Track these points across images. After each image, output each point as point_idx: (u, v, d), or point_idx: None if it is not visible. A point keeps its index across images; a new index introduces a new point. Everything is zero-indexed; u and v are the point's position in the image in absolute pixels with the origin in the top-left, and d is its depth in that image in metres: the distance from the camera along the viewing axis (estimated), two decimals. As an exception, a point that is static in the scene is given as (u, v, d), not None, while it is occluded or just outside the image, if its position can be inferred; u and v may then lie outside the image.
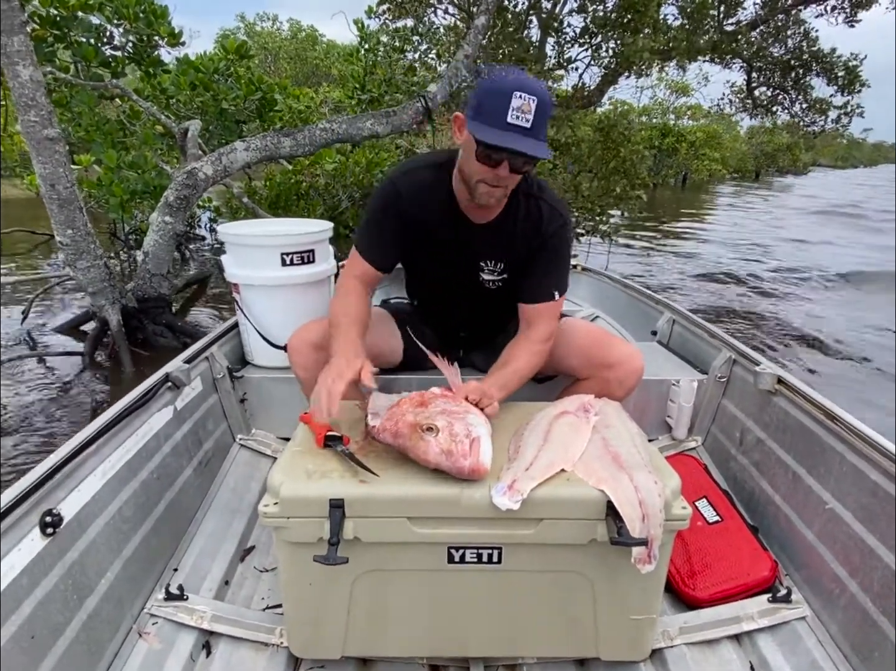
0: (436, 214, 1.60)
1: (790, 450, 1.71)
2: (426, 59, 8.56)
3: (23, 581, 1.10)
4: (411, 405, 1.24)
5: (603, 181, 6.68)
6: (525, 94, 1.28)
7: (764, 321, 5.62)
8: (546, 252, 1.62)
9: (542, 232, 1.60)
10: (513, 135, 1.30)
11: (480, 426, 1.19)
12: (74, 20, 4.44)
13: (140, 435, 1.57)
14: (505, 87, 1.29)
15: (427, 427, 1.14)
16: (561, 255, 1.65)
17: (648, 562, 1.10)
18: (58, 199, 3.41)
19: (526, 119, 1.29)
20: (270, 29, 26.84)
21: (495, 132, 1.30)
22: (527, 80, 1.30)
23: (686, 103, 30.59)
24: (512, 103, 1.28)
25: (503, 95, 1.29)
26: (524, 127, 1.30)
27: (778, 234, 11.69)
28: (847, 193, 24.80)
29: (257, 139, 4.33)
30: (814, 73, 8.47)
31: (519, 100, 1.28)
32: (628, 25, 6.95)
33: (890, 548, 1.29)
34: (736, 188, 25.64)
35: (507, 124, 1.30)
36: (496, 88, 1.31)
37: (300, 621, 1.29)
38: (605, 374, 1.64)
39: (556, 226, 1.60)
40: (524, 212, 1.59)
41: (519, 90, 1.28)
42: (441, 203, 1.58)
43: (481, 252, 1.66)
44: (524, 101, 1.28)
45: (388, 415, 1.22)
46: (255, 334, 2.13)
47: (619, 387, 1.64)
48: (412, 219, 1.59)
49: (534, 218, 1.59)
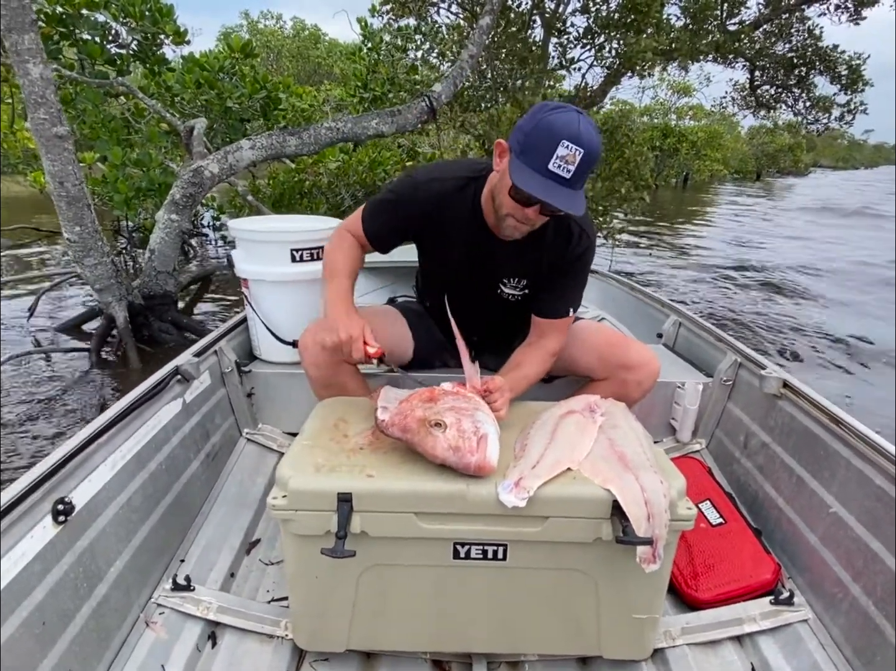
0: (457, 226, 1.58)
1: (795, 454, 1.71)
2: (428, 57, 8.56)
3: (35, 567, 1.12)
4: (420, 400, 1.25)
5: (607, 182, 6.68)
6: (573, 145, 1.23)
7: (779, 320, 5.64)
8: (569, 273, 1.61)
9: (568, 252, 1.58)
10: (550, 183, 1.27)
11: (489, 424, 1.20)
12: (80, 18, 4.45)
13: (150, 426, 1.58)
14: (555, 133, 1.24)
15: (435, 422, 1.15)
16: (583, 276, 1.65)
17: (653, 562, 1.11)
18: (66, 196, 3.43)
19: (568, 170, 1.25)
20: (273, 27, 26.85)
21: (534, 177, 1.27)
22: (578, 129, 1.24)
23: (687, 103, 30.57)
24: (558, 151, 1.24)
25: (551, 140, 1.24)
26: (563, 177, 1.26)
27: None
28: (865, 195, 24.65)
29: (263, 138, 4.34)
30: (817, 70, 8.47)
31: (565, 149, 1.24)
32: (631, 25, 6.96)
33: (893, 553, 1.29)
34: (738, 189, 25.61)
35: (547, 170, 1.26)
36: (545, 130, 1.26)
37: (305, 614, 1.30)
38: (624, 376, 1.65)
39: (583, 248, 1.58)
40: (552, 231, 1.56)
41: (568, 139, 1.23)
42: (465, 216, 1.56)
43: (504, 267, 1.64)
44: (570, 153, 1.24)
45: (397, 410, 1.23)
46: (264, 329, 2.14)
47: (637, 389, 1.66)
48: (428, 225, 1.59)
49: (562, 238, 1.57)
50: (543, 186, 1.27)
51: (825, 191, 26.73)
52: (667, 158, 21.26)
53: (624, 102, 20.46)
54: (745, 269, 8.04)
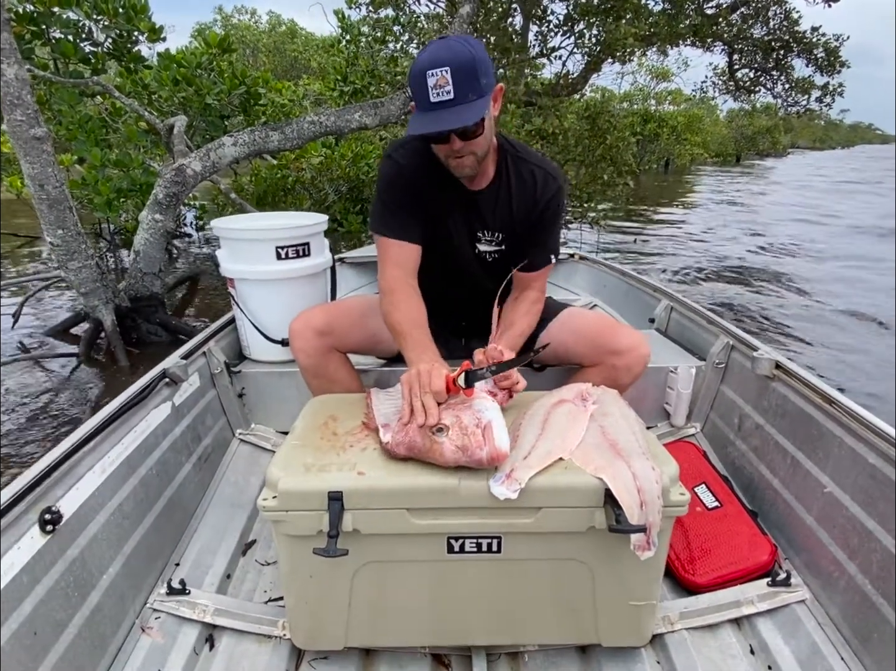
0: (435, 181, 1.59)
1: (789, 435, 1.71)
2: (408, 48, 8.50)
3: (23, 579, 1.10)
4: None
5: (590, 169, 6.69)
6: (436, 68, 1.28)
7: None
8: (543, 220, 1.63)
9: (537, 199, 1.60)
10: (436, 113, 1.31)
11: (488, 409, 1.18)
12: (52, 16, 4.37)
13: (138, 431, 1.57)
14: (419, 69, 1.30)
15: (437, 428, 1.14)
16: (557, 220, 1.67)
17: (647, 549, 1.11)
18: (47, 199, 3.38)
19: (446, 91, 1.29)
20: (248, 22, 26.62)
21: (424, 117, 1.33)
22: (436, 51, 1.30)
23: (666, 88, 30.61)
24: (428, 83, 1.29)
25: (421, 78, 1.30)
26: (448, 100, 1.30)
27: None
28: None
29: (245, 134, 4.30)
30: (794, 53, 8.50)
31: (433, 77, 1.28)
32: (611, 12, 6.94)
33: (889, 531, 1.30)
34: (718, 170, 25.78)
35: (430, 104, 1.31)
36: (415, 72, 1.32)
37: (302, 613, 1.30)
38: (613, 361, 1.65)
39: (551, 192, 1.60)
40: (515, 175, 1.60)
41: (430, 67, 1.28)
42: (438, 170, 1.57)
43: (478, 220, 1.65)
44: (438, 76, 1.28)
45: (397, 428, 1.20)
46: (252, 329, 2.13)
47: (627, 374, 1.65)
48: (418, 188, 1.59)
49: (528, 184, 1.59)
50: (430, 120, 1.32)
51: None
52: (648, 144, 21.29)
53: (604, 89, 20.43)
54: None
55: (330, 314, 1.72)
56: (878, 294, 5.93)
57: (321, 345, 1.66)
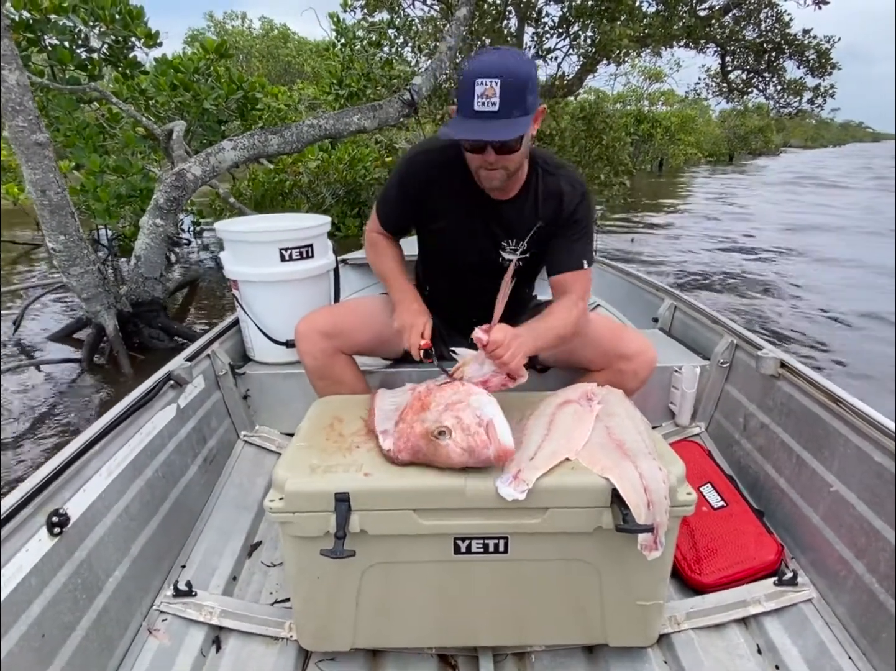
0: (452, 193, 1.59)
1: (794, 434, 1.70)
2: (402, 51, 8.52)
3: (31, 581, 1.10)
4: (414, 413, 1.22)
5: (587, 169, 6.71)
6: (486, 78, 1.27)
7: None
8: (569, 229, 1.60)
9: (564, 209, 1.58)
10: (478, 122, 1.30)
11: (488, 405, 1.17)
12: (48, 23, 4.38)
13: (144, 433, 1.57)
14: (469, 75, 1.29)
15: (439, 431, 1.13)
16: (586, 226, 1.63)
17: (655, 549, 1.11)
18: (49, 205, 3.37)
19: (492, 103, 1.28)
20: (240, 27, 26.61)
21: (463, 123, 1.32)
22: (490, 62, 1.30)
23: (659, 89, 30.65)
24: (476, 90, 1.28)
25: (469, 84, 1.29)
26: (492, 111, 1.29)
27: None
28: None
29: (245, 138, 4.29)
30: (786, 55, 8.55)
31: (482, 86, 1.28)
32: (605, 13, 6.96)
33: (895, 529, 1.29)
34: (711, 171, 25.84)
35: (474, 112, 1.30)
36: (464, 77, 1.31)
37: (309, 615, 1.30)
38: (621, 366, 1.64)
39: (576, 201, 1.58)
40: (543, 186, 1.58)
41: (480, 76, 1.28)
42: (458, 183, 1.57)
43: (502, 229, 1.64)
44: (486, 87, 1.28)
45: (398, 434, 1.20)
46: (257, 330, 2.13)
47: (634, 379, 1.65)
48: (427, 198, 1.59)
49: (554, 194, 1.58)
50: (470, 127, 1.32)
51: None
52: (642, 144, 21.33)
53: (597, 91, 20.44)
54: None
55: (335, 316, 1.72)
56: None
57: (327, 347, 1.66)
